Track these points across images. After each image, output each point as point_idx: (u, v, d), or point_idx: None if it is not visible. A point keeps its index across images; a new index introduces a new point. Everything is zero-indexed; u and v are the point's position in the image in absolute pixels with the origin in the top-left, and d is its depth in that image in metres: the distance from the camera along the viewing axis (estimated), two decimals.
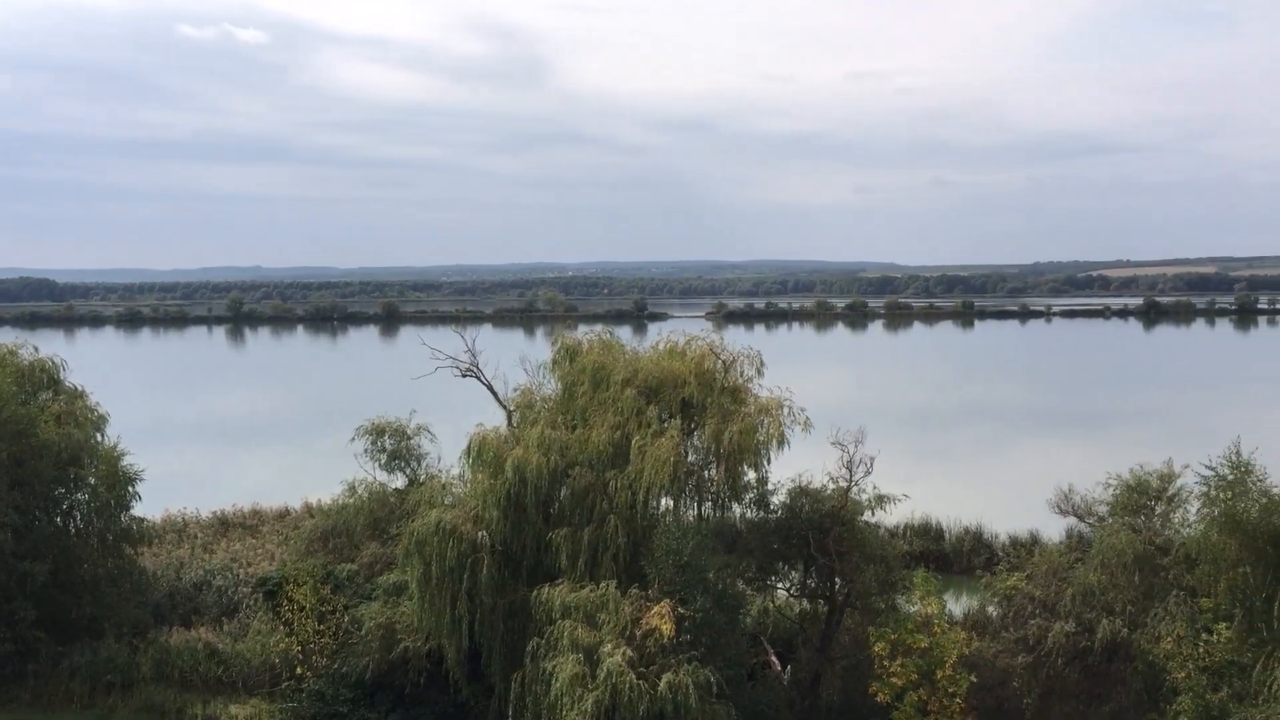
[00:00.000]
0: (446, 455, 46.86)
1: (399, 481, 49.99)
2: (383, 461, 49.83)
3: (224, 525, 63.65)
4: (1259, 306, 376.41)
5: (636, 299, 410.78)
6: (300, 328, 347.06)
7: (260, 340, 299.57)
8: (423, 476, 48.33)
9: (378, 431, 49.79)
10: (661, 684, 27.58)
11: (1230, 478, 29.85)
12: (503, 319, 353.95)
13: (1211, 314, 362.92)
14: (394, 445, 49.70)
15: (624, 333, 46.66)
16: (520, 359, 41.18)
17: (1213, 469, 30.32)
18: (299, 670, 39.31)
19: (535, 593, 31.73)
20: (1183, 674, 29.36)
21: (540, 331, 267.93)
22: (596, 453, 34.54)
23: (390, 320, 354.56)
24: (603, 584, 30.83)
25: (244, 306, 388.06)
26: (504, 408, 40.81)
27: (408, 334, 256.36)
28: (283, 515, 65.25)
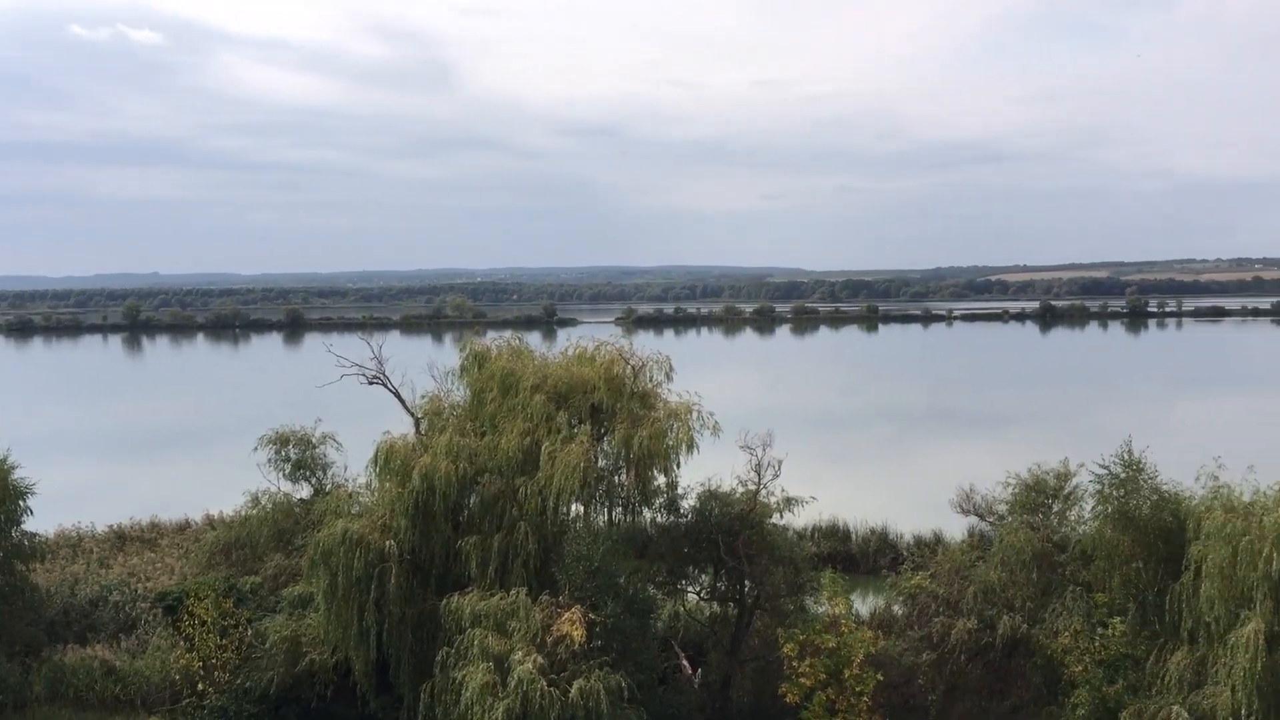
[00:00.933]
0: (353, 464, 46.15)
1: (304, 491, 49.05)
2: (287, 471, 48.81)
3: (121, 540, 61.79)
4: (1149, 310, 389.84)
5: (546, 305, 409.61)
6: (200, 336, 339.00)
7: (159, 349, 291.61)
8: (329, 486, 47.49)
9: (282, 441, 48.77)
10: (573, 690, 27.53)
11: (1123, 476, 30.83)
12: (410, 326, 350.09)
13: (1104, 317, 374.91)
14: (299, 455, 48.72)
15: (533, 339, 46.49)
16: (428, 366, 40.77)
17: (1106, 467, 31.28)
18: (200, 686, 38.35)
19: (445, 601, 31.41)
20: (1079, 668, 30.23)
21: (449, 338, 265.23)
22: (506, 459, 34.36)
23: (294, 328, 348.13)
24: (513, 591, 30.67)
25: (141, 314, 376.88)
26: (412, 415, 40.34)
27: (313, 341, 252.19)
28: (183, 528, 63.66)
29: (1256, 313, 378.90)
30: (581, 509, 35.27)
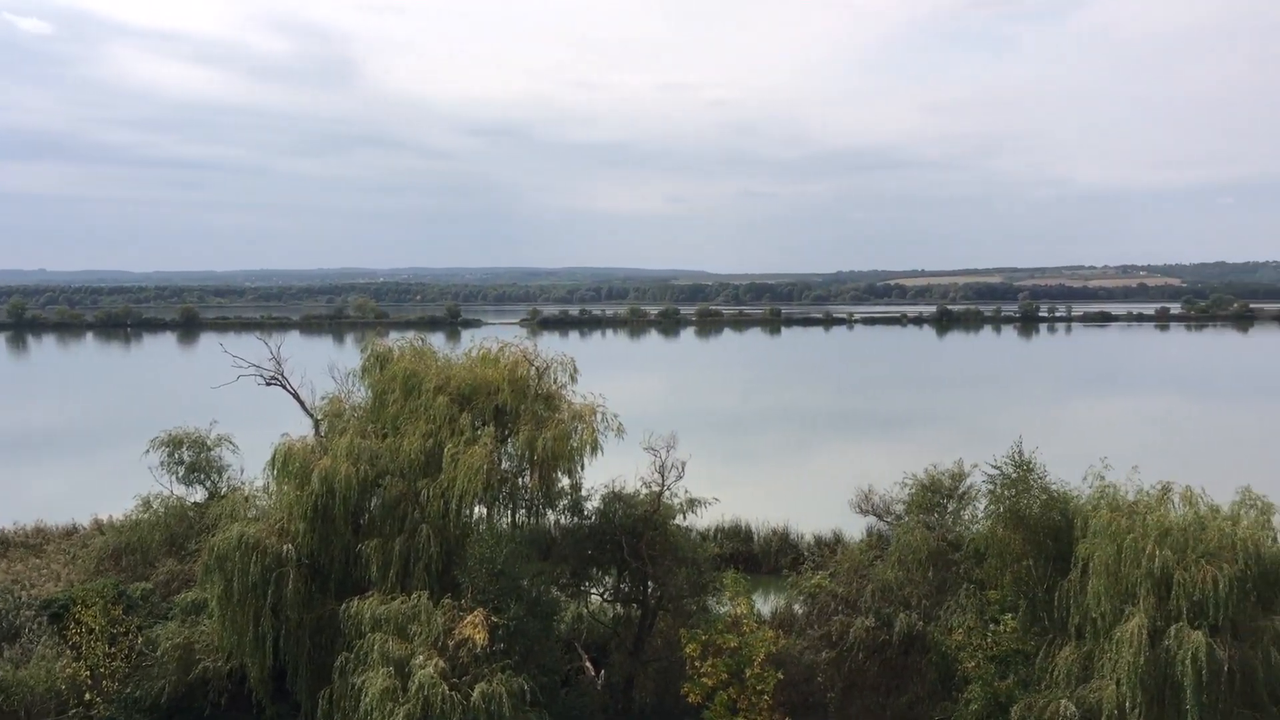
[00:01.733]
0: (250, 467, 45.14)
1: (198, 495, 47.80)
2: (180, 474, 47.49)
3: (3, 545, 59.57)
4: (1040, 314, 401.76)
5: (450, 306, 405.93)
6: (90, 335, 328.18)
7: (45, 348, 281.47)
8: (224, 489, 46.36)
9: (175, 443, 47.44)
10: (475, 694, 27.33)
11: (1014, 476, 31.66)
12: (311, 326, 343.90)
13: (998, 321, 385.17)
14: (193, 457, 47.44)
15: (437, 340, 46.00)
16: (329, 367, 40.12)
17: (998, 468, 32.10)
18: (88, 696, 37.10)
19: (344, 606, 30.93)
20: (973, 663, 30.97)
21: (350, 338, 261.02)
22: (408, 461, 33.97)
23: (189, 327, 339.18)
24: (415, 595, 30.33)
25: (27, 312, 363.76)
26: (311, 417, 39.63)
27: (208, 341, 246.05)
28: (70, 533, 61.52)
29: (1141, 318, 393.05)
30: (485, 511, 35.05)
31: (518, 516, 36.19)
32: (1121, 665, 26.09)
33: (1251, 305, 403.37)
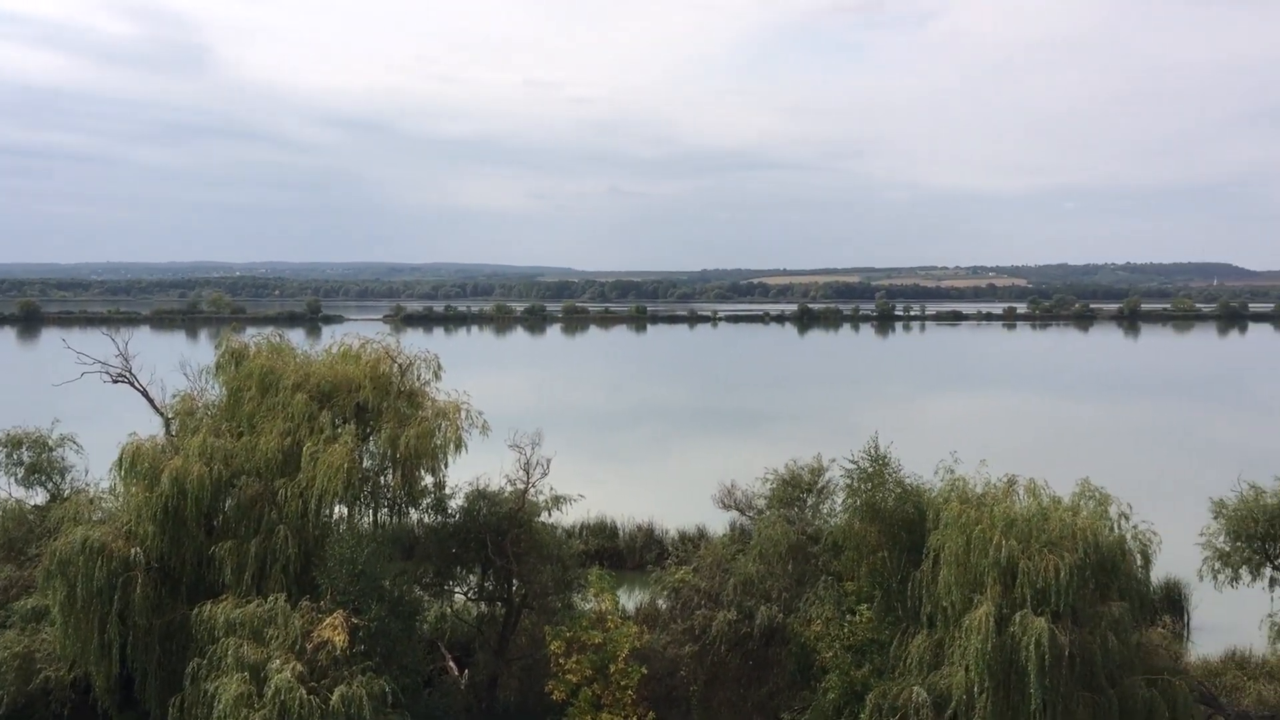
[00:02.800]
0: (95, 468, 43.23)
1: (39, 497, 45.51)
2: (19, 476, 45.14)
3: None
4: (896, 313, 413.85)
5: (310, 301, 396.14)
6: None
7: None
8: (67, 491, 44.27)
9: (13, 443, 45.06)
10: (334, 697, 26.79)
11: (870, 470, 32.60)
12: (162, 321, 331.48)
13: (856, 320, 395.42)
14: (33, 458, 45.12)
15: (297, 336, 44.92)
16: (181, 363, 38.76)
17: (855, 462, 33.00)
18: None
19: (197, 610, 29.95)
20: (830, 653, 31.74)
21: (204, 334, 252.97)
22: (265, 461, 33.09)
23: (29, 322, 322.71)
24: (271, 597, 29.57)
25: None
26: (162, 415, 38.25)
27: (50, 337, 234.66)
28: None
29: (990, 317, 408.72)
30: (345, 511, 34.37)
31: (380, 516, 35.59)
32: (970, 652, 27.11)
33: (1091, 305, 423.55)
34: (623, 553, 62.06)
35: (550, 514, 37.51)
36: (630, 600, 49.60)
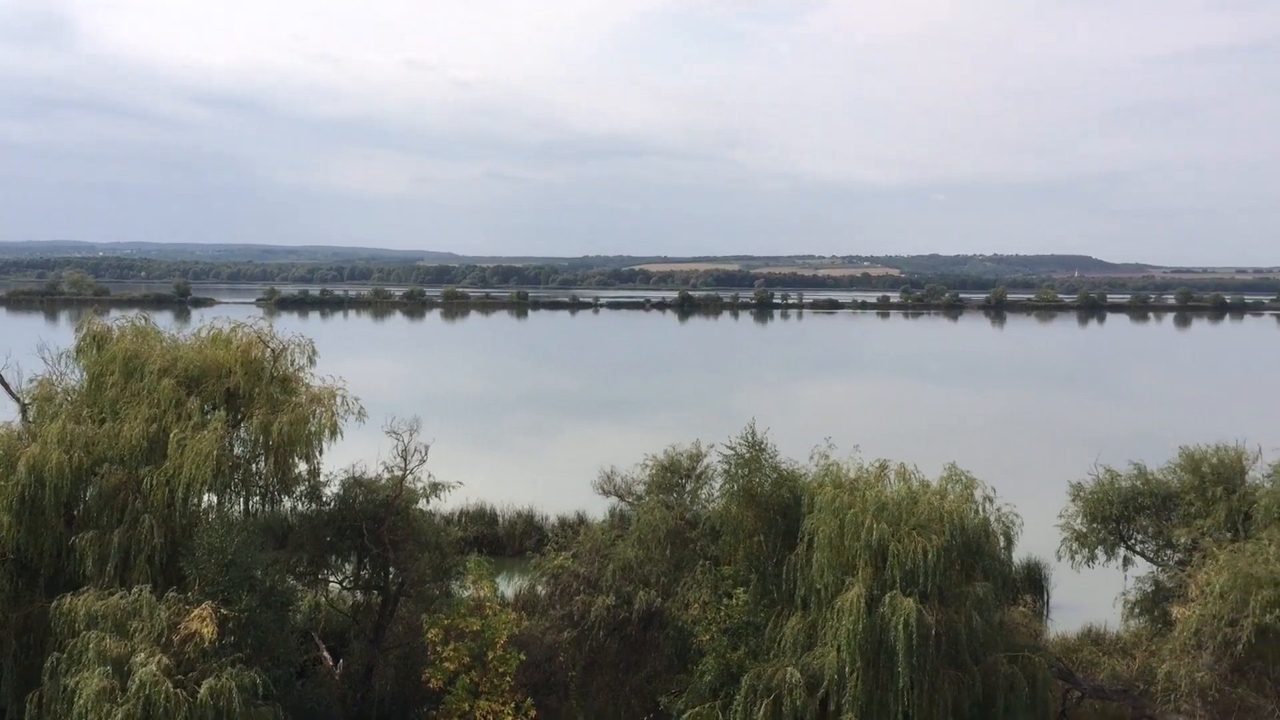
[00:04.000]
0: None
1: None
2: None
3: None
4: (774, 301, 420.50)
5: (179, 283, 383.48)
6: None
7: None
8: None
9: None
10: (202, 690, 26.05)
11: (747, 456, 33.06)
12: (19, 303, 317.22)
13: (735, 307, 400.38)
14: None
15: (164, 319, 43.45)
16: (39, 346, 37.08)
17: (733, 448, 33.41)
18: None
19: (55, 603, 28.75)
20: (707, 636, 32.14)
21: (65, 316, 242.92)
22: (129, 448, 31.90)
23: None
24: (136, 589, 28.56)
25: None
26: (18, 400, 36.53)
27: None
28: None
29: (865, 305, 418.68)
30: (215, 499, 33.40)
31: (251, 504, 34.67)
32: (842, 632, 27.77)
33: (960, 295, 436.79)
34: (502, 540, 61.88)
35: (428, 501, 37.07)
36: (509, 587, 49.49)
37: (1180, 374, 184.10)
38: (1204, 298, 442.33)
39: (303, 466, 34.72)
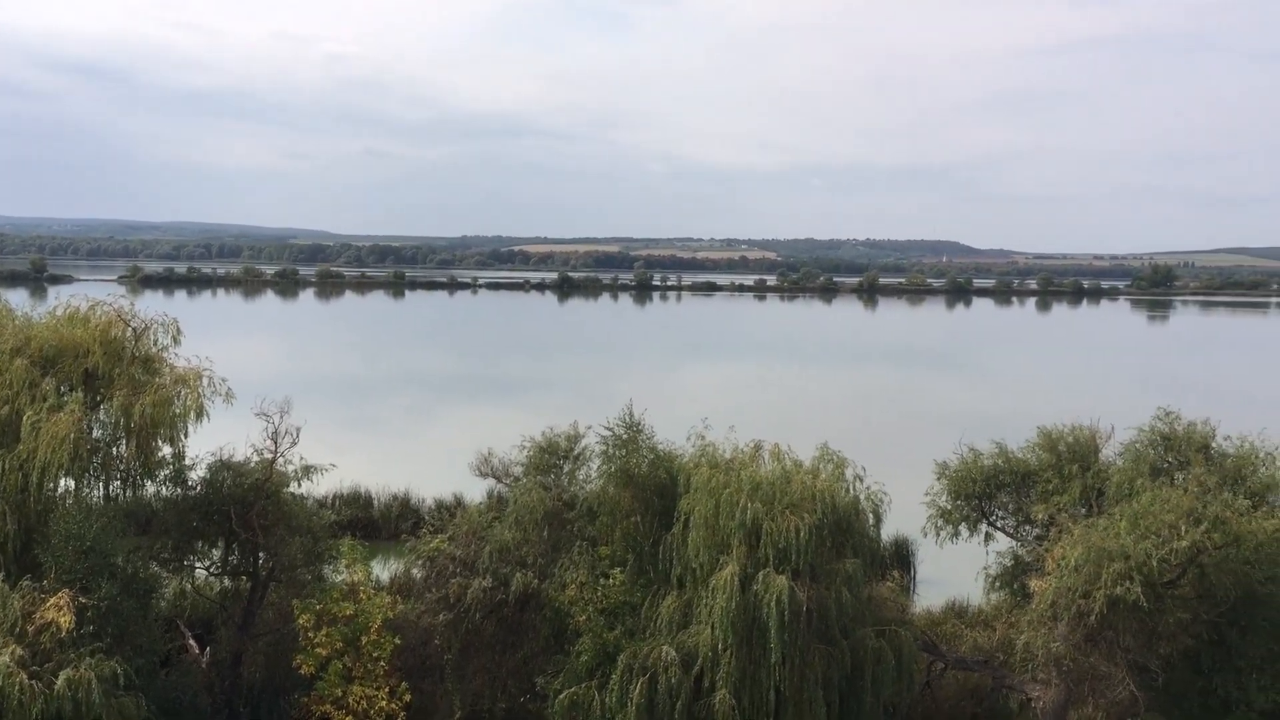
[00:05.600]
0: None
1: None
2: None
3: None
4: (653, 283, 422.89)
5: (35, 259, 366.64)
6: None
7: None
8: None
9: None
10: (59, 682, 25.09)
11: (625, 437, 33.23)
12: None
13: (615, 289, 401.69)
14: None
15: (17, 297, 41.55)
16: None
17: (610, 429, 33.56)
18: None
19: None
20: (584, 617, 32.27)
21: None
22: None
23: None
24: None
25: None
26: None
27: None
28: None
29: (742, 288, 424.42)
30: (72, 484, 32.14)
31: (112, 489, 33.48)
32: (716, 610, 28.21)
33: (834, 279, 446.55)
34: (377, 523, 61.00)
35: (300, 484, 36.24)
36: (384, 570, 48.84)
37: (1040, 356, 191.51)
38: (1064, 283, 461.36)
39: (167, 450, 33.62)
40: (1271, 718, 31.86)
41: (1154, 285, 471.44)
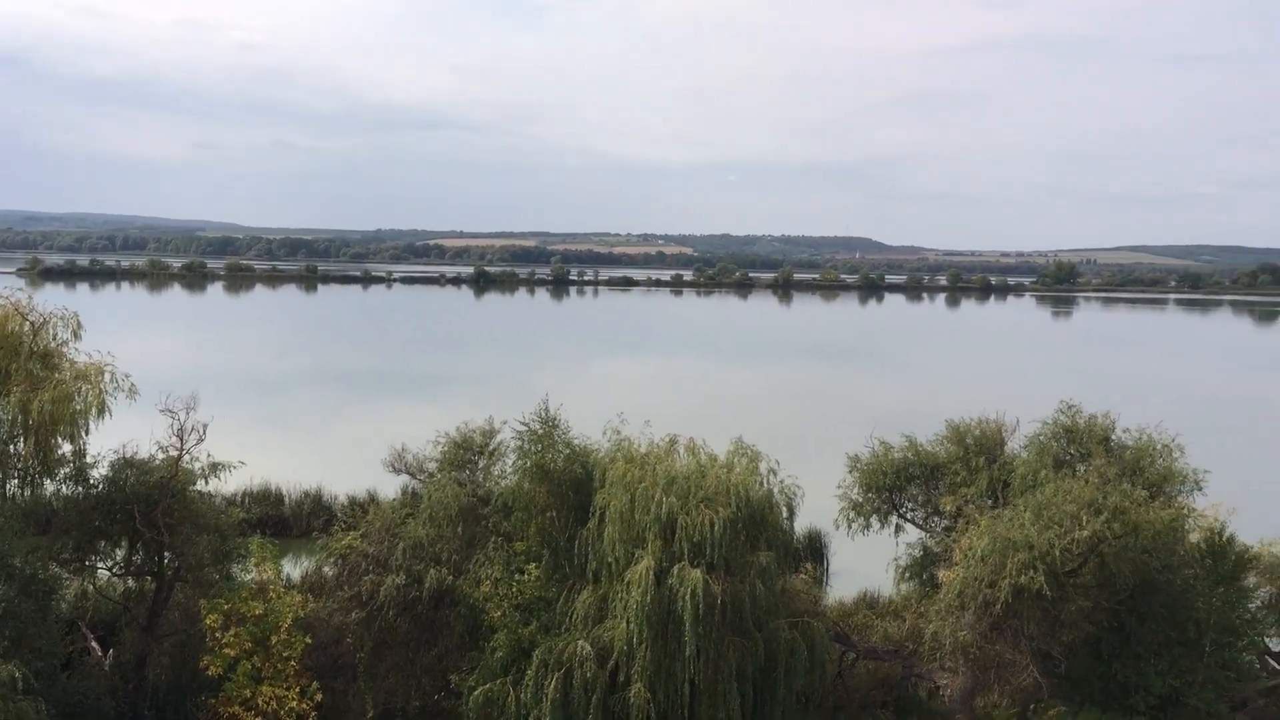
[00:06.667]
0: None
1: None
2: None
3: None
4: (571, 278, 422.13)
5: None
6: None
7: None
8: None
9: None
10: None
11: (540, 432, 33.14)
12: None
13: (532, 283, 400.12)
14: None
15: None
16: None
17: (526, 425, 33.43)
18: None
19: None
20: (499, 613, 32.12)
21: None
22: None
23: None
24: None
25: None
26: None
27: None
28: None
29: (659, 283, 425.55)
30: None
31: (9, 488, 32.45)
32: (631, 605, 28.30)
33: (750, 274, 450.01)
34: (288, 520, 60.04)
35: (207, 482, 35.44)
36: (295, 569, 48.15)
37: (950, 351, 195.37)
38: (972, 279, 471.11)
39: (67, 447, 32.70)
40: (1168, 702, 32.99)
41: (1058, 282, 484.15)
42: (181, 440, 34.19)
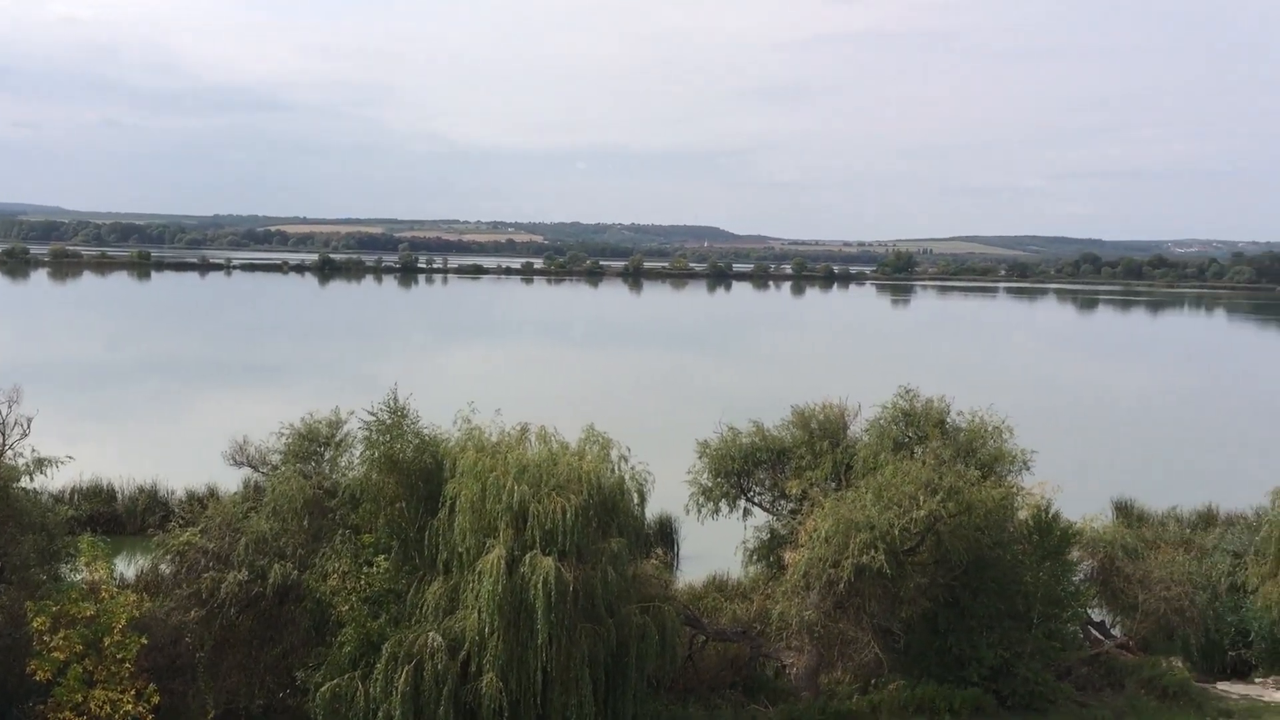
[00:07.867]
0: None
1: None
2: None
3: None
4: (419, 266, 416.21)
5: None
6: None
7: None
8: None
9: None
10: None
11: (389, 422, 32.61)
12: None
13: (379, 271, 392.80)
14: None
15: None
16: None
17: (374, 414, 32.84)
18: None
19: None
20: (346, 606, 31.46)
21: None
22: None
23: None
24: None
25: None
26: None
27: None
28: None
29: (509, 271, 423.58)
30: None
31: None
32: (483, 594, 28.14)
33: (601, 262, 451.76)
34: (122, 517, 57.56)
35: (32, 479, 33.77)
36: (130, 567, 46.35)
37: (795, 338, 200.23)
38: (816, 268, 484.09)
39: None
40: (999, 673, 34.66)
41: (897, 271, 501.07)
42: (3, 436, 32.56)
